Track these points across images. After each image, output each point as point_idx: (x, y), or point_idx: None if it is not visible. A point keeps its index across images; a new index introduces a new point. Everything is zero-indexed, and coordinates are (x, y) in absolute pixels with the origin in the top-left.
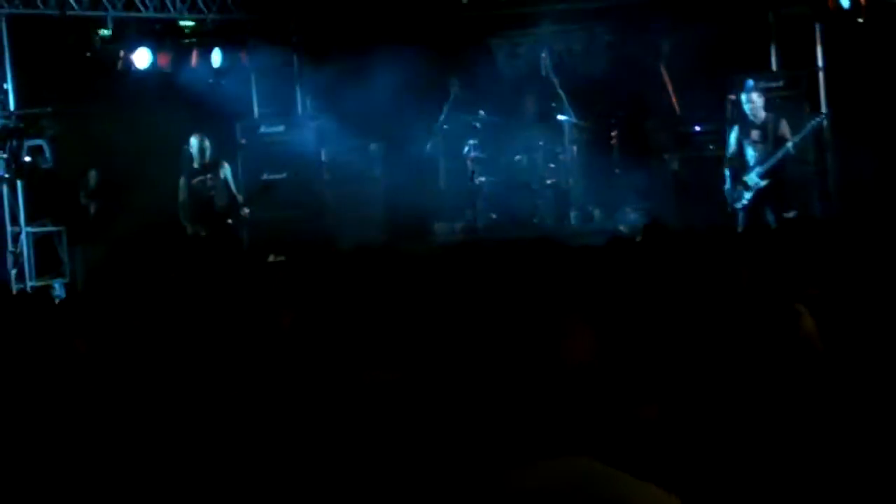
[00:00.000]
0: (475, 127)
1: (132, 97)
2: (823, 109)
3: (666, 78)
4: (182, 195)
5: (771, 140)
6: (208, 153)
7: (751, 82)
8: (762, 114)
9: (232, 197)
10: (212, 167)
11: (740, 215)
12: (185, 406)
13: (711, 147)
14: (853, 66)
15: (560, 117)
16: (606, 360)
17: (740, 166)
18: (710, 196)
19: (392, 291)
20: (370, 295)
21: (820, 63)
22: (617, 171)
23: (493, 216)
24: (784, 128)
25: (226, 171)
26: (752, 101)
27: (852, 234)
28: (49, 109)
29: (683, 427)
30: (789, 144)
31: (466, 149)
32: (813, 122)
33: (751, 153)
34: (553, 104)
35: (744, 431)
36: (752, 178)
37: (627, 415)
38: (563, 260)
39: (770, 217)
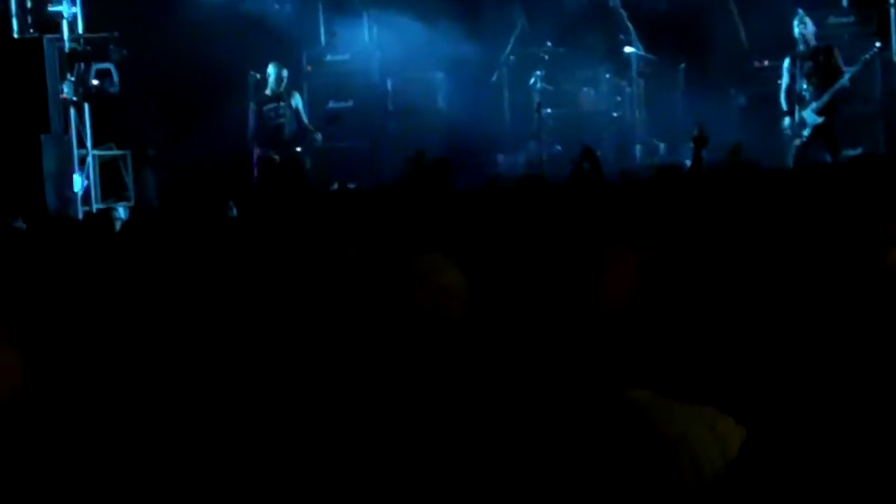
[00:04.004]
0: (542, 58)
1: (198, 23)
2: (894, 47)
3: (735, 12)
4: (251, 121)
5: (824, 72)
6: (285, 83)
7: (801, 11)
8: (813, 42)
9: (302, 126)
10: (284, 96)
11: (795, 152)
12: (247, 332)
13: (779, 83)
14: None
15: (627, 50)
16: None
17: (797, 100)
18: (778, 132)
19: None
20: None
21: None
22: (683, 105)
23: (558, 148)
24: (837, 59)
25: (297, 100)
26: (803, 29)
27: None
28: (116, 34)
29: (751, 358)
30: (845, 78)
31: (532, 80)
32: (866, 55)
33: (805, 86)
34: (621, 37)
35: (816, 363)
36: (809, 114)
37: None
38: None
39: (826, 155)
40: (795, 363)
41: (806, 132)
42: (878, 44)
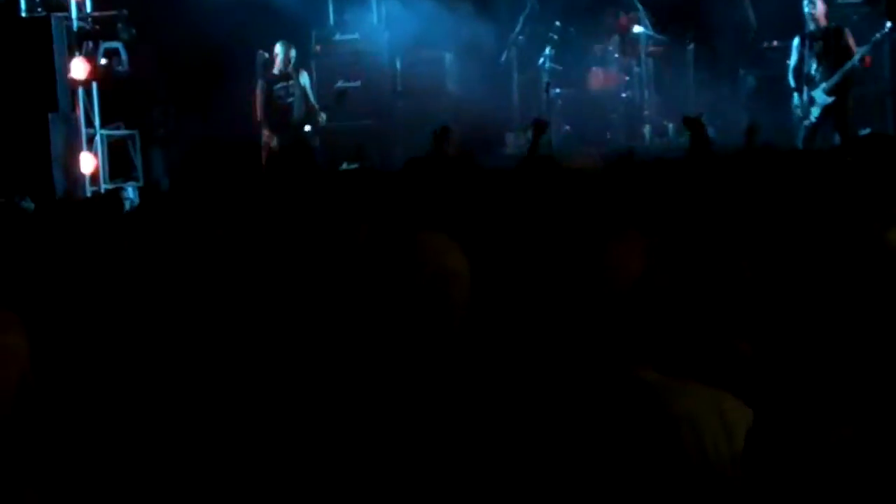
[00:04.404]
0: (551, 38)
1: (207, 2)
2: None
3: None
4: (260, 101)
5: (834, 52)
6: (293, 62)
7: None
8: (823, 23)
9: (310, 105)
10: (292, 75)
11: (804, 133)
12: (259, 314)
13: (788, 63)
14: None
15: (636, 29)
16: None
17: (806, 81)
18: (787, 113)
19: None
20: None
21: None
22: (692, 85)
23: (567, 128)
24: (848, 39)
25: (304, 79)
26: (812, 10)
27: None
28: (125, 12)
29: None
30: (855, 58)
31: (542, 60)
32: (876, 35)
33: (815, 66)
34: (629, 16)
35: (820, 346)
36: (819, 94)
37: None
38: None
39: (836, 136)
40: (802, 345)
41: (816, 112)
42: (888, 24)
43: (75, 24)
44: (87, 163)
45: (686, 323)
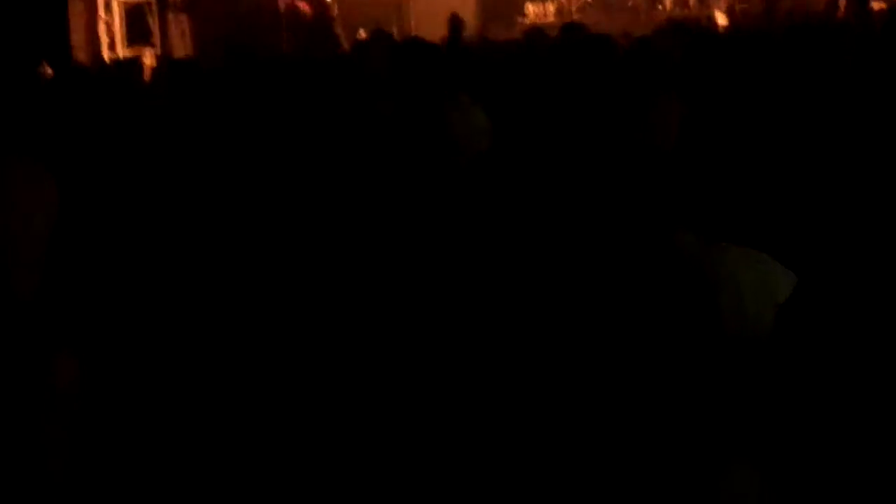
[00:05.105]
0: None
1: None
2: None
3: None
4: None
5: None
6: None
7: None
8: None
9: None
10: None
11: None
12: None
13: None
14: None
15: None
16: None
17: None
18: None
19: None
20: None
21: None
22: None
23: None
24: None
25: None
26: None
27: None
28: None
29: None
30: None
31: None
32: None
33: None
34: None
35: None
36: None
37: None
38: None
39: (860, 11)
40: (842, 214)
41: None
42: None
43: None
44: (105, 28)
45: (726, 187)
